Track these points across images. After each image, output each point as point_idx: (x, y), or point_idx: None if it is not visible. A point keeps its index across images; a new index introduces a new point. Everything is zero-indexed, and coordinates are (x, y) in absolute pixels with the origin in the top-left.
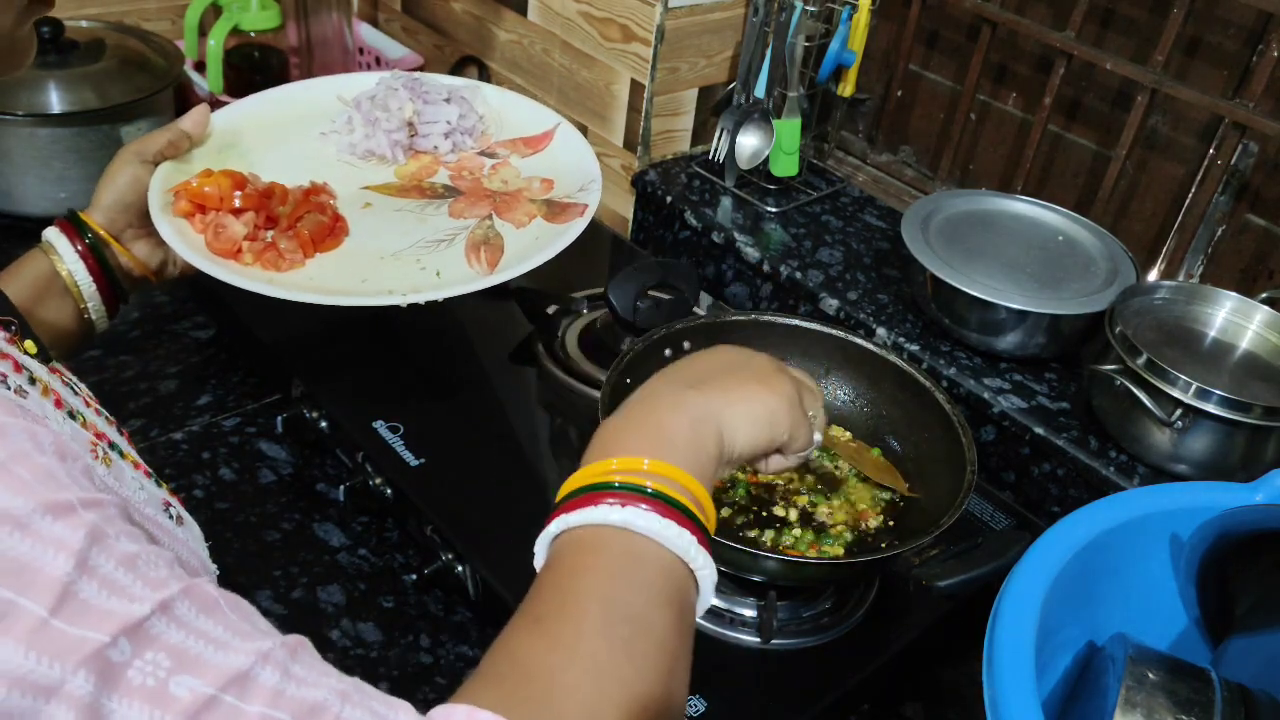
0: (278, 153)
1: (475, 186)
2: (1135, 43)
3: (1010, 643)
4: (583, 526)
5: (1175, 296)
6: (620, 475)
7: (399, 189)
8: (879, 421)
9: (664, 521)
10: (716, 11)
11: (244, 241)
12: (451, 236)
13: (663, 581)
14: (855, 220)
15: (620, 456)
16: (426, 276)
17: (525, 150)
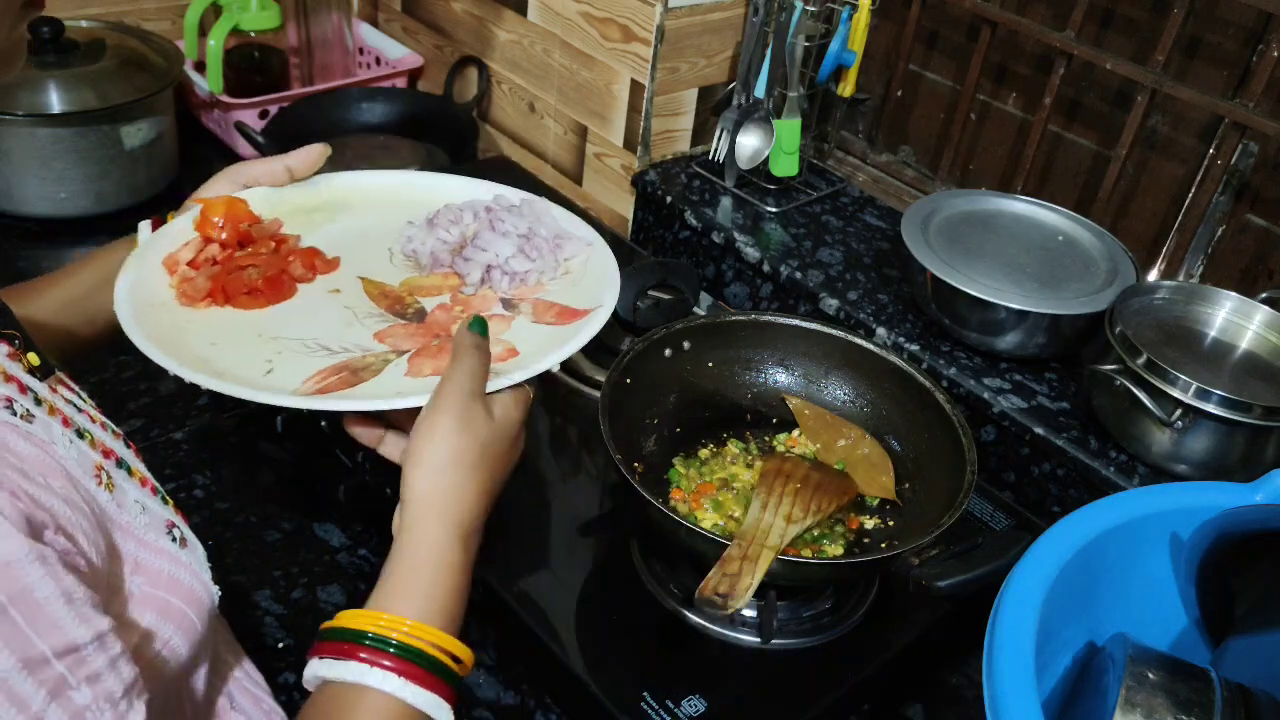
0: (347, 224)
1: (446, 330)
2: (1135, 43)
3: (1010, 643)
4: (349, 684)
5: (1175, 296)
6: (389, 632)
7: (380, 293)
8: (879, 421)
9: (426, 694)
10: (716, 11)
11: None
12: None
13: None
14: (855, 220)
15: (390, 614)
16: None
17: (549, 320)
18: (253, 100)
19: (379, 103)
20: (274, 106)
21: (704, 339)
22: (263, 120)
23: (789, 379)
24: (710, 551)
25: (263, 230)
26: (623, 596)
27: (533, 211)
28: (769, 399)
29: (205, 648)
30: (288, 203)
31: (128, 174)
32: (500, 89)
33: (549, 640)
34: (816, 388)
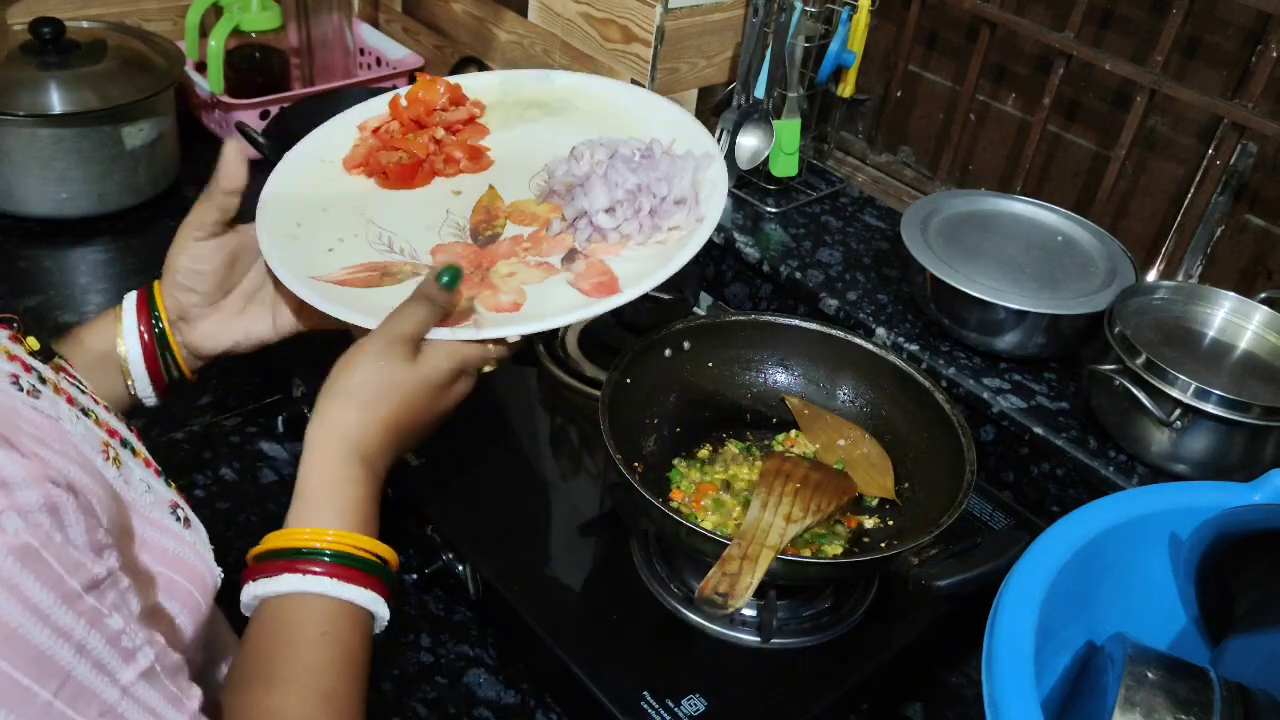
0: (545, 128)
1: (493, 262)
2: (1134, 43)
3: (1010, 642)
4: (286, 595)
5: (1174, 296)
6: (315, 543)
7: (483, 206)
8: (879, 421)
9: (363, 593)
10: (716, 12)
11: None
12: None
13: (349, 635)
14: (855, 220)
15: (311, 527)
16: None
17: (584, 287)
18: (253, 101)
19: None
20: (275, 107)
21: (704, 339)
22: (263, 121)
23: (789, 379)
24: (710, 551)
25: (447, 117)
26: (623, 596)
27: (674, 169)
28: (769, 399)
29: (206, 630)
30: (514, 94)
31: (129, 174)
32: None
33: (549, 640)
34: (816, 388)
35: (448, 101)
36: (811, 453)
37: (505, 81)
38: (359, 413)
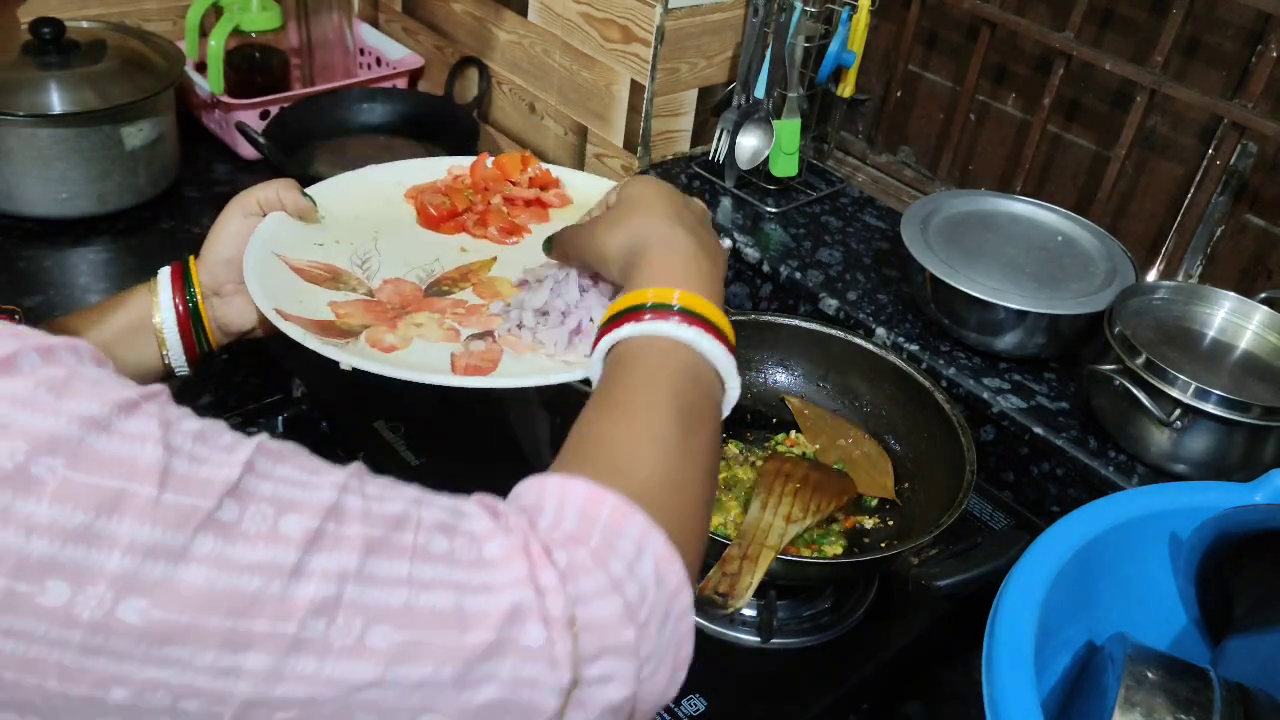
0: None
1: (403, 309)
2: (1134, 43)
3: (1010, 642)
4: (650, 336)
5: (1174, 296)
6: (665, 299)
7: (466, 271)
8: (879, 421)
9: (715, 344)
10: (716, 12)
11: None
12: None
13: (708, 388)
14: (855, 220)
15: (655, 287)
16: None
17: (470, 364)
18: (253, 101)
19: (380, 103)
20: (275, 107)
21: None
22: (263, 121)
23: (789, 379)
24: (710, 551)
25: (513, 190)
26: None
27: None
28: (769, 399)
29: None
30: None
31: (129, 174)
32: (501, 90)
33: None
34: (816, 388)
35: (527, 180)
36: (811, 453)
37: (597, 187)
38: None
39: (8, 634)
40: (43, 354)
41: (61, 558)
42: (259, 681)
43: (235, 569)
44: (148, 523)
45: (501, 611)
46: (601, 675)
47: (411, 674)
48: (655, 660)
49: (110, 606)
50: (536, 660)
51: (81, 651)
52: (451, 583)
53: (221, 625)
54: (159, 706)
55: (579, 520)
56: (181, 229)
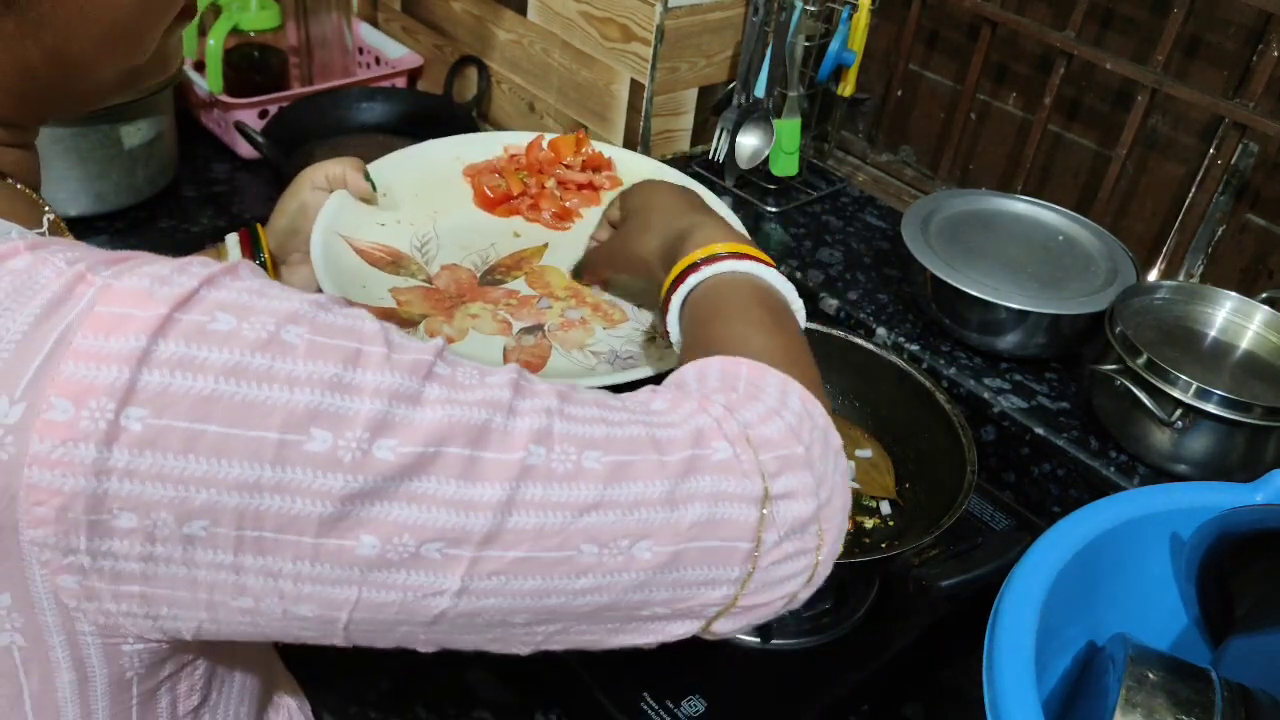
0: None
1: (463, 297)
2: (1135, 42)
3: (1010, 643)
4: (713, 277)
5: (1175, 296)
6: (716, 250)
7: (519, 256)
8: (879, 421)
9: (767, 269)
10: (716, 11)
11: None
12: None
13: (781, 303)
14: (855, 220)
15: (703, 246)
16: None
17: (524, 355)
18: (252, 100)
19: (379, 102)
20: (274, 106)
21: None
22: (262, 120)
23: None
24: None
25: (566, 173)
26: None
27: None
28: None
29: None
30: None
31: (127, 174)
32: (500, 89)
33: None
34: None
35: (580, 163)
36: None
37: (655, 173)
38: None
39: (276, 488)
40: (251, 268)
41: (322, 406)
42: (494, 512)
43: (463, 405)
44: (386, 372)
45: (688, 435)
46: (786, 490)
47: (626, 493)
48: (829, 485)
49: (367, 447)
50: (729, 473)
51: (340, 499)
52: (638, 420)
53: (460, 454)
54: (403, 556)
55: (721, 378)
56: (180, 228)
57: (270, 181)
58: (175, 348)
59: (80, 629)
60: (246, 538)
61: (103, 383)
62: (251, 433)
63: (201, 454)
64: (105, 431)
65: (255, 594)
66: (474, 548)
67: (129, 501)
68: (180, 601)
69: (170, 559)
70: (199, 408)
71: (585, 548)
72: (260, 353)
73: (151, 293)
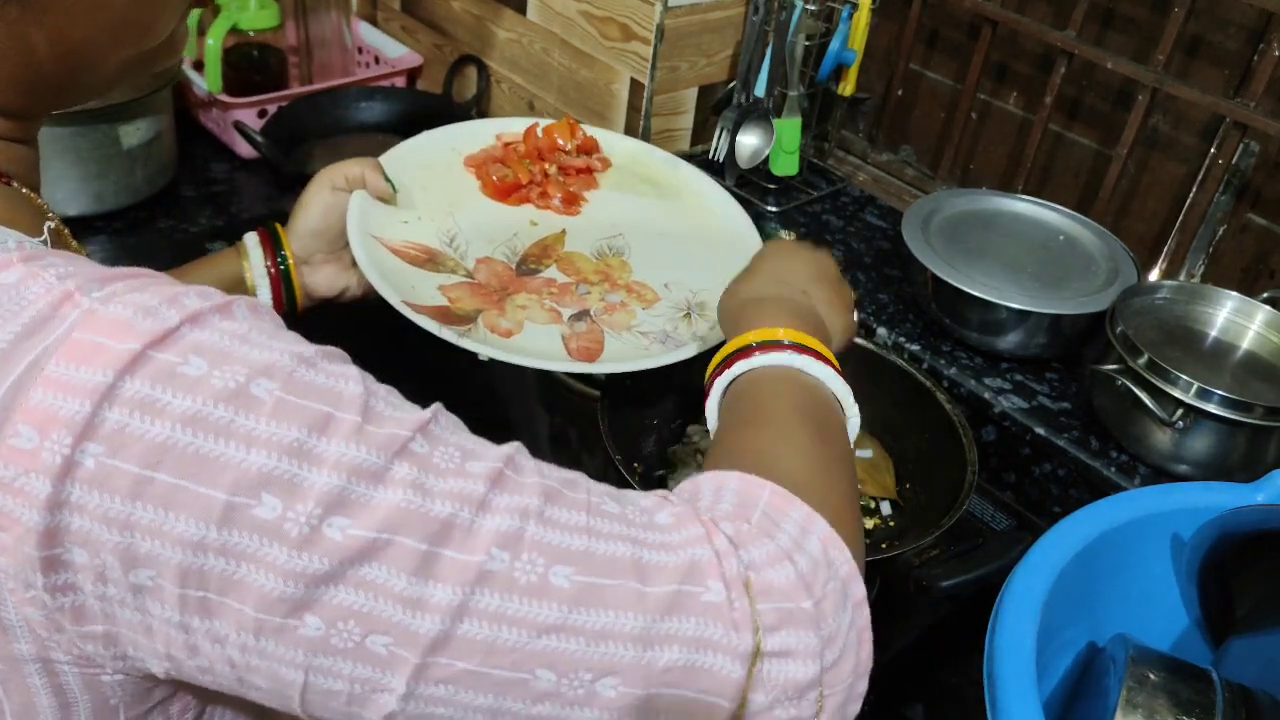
0: (643, 205)
1: (509, 289)
2: (1136, 42)
3: (1011, 644)
4: (762, 368)
5: (1176, 296)
6: (770, 337)
7: (543, 244)
8: (879, 421)
9: (825, 368)
10: (716, 10)
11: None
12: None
13: (830, 405)
14: (855, 220)
15: (764, 328)
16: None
17: (573, 348)
18: (251, 100)
19: (378, 102)
20: (273, 106)
21: None
22: (261, 119)
23: None
24: None
25: (565, 159)
26: None
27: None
28: None
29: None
30: (643, 164)
31: (126, 174)
32: (500, 88)
33: None
34: None
35: (575, 148)
36: None
37: (640, 151)
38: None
39: (220, 551)
40: (250, 306)
41: (276, 471)
42: (444, 617)
43: (429, 494)
44: (353, 444)
45: (680, 566)
46: (783, 648)
47: (593, 620)
48: (839, 646)
49: (316, 524)
50: (717, 620)
51: (283, 575)
52: (628, 537)
53: (415, 548)
54: (347, 645)
55: (738, 502)
56: (179, 228)
57: (269, 181)
58: (140, 387)
59: (55, 657)
60: (190, 597)
61: (65, 415)
62: (200, 489)
63: (148, 502)
64: (60, 466)
65: (207, 656)
66: (420, 652)
67: (79, 537)
68: (141, 646)
69: (123, 603)
70: (151, 454)
71: (541, 673)
72: (224, 404)
73: (132, 324)
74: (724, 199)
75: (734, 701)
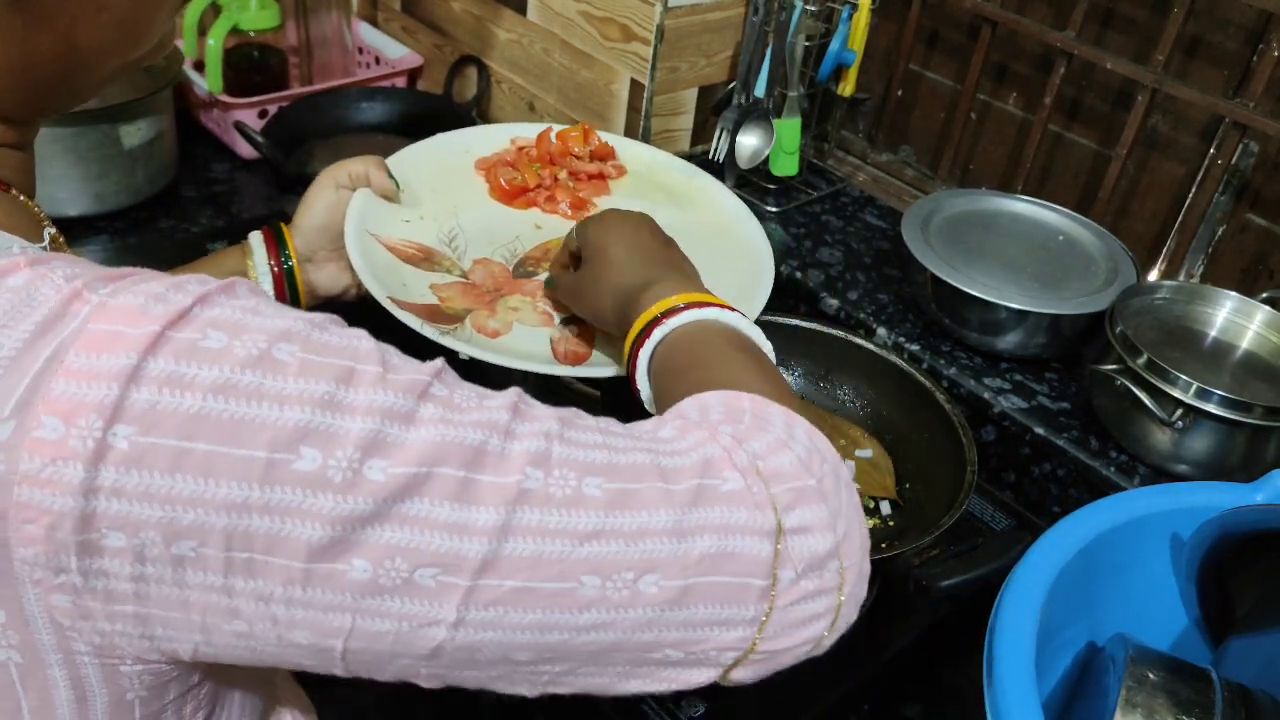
0: (658, 210)
1: (502, 290)
2: (1136, 42)
3: (1011, 643)
4: (678, 328)
5: (1176, 296)
6: (680, 301)
7: (545, 249)
8: (879, 421)
9: (731, 314)
10: (716, 11)
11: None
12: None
13: (750, 343)
14: (855, 220)
15: (664, 299)
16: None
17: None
18: (252, 100)
19: (379, 102)
20: (273, 106)
21: None
22: (262, 120)
23: (789, 379)
24: None
25: (577, 164)
26: None
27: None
28: None
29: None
30: (659, 172)
31: (126, 174)
32: (500, 88)
33: None
34: (817, 388)
35: (589, 154)
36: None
37: (658, 158)
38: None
39: (265, 509)
40: (250, 288)
41: (312, 424)
42: (490, 537)
43: (459, 426)
44: (380, 390)
45: (695, 463)
46: (801, 524)
47: (629, 521)
48: (844, 521)
49: (358, 467)
50: (740, 504)
51: (329, 521)
52: (643, 448)
53: (454, 476)
54: (395, 582)
55: (724, 411)
56: (180, 228)
57: (270, 181)
58: (165, 365)
59: (76, 648)
60: (236, 559)
61: (92, 400)
62: (239, 451)
63: (188, 473)
64: (93, 450)
65: (248, 618)
66: (469, 575)
67: (117, 521)
68: (174, 623)
69: (161, 579)
70: (186, 426)
71: (586, 579)
72: (251, 370)
73: (145, 310)
74: (741, 212)
75: (766, 578)
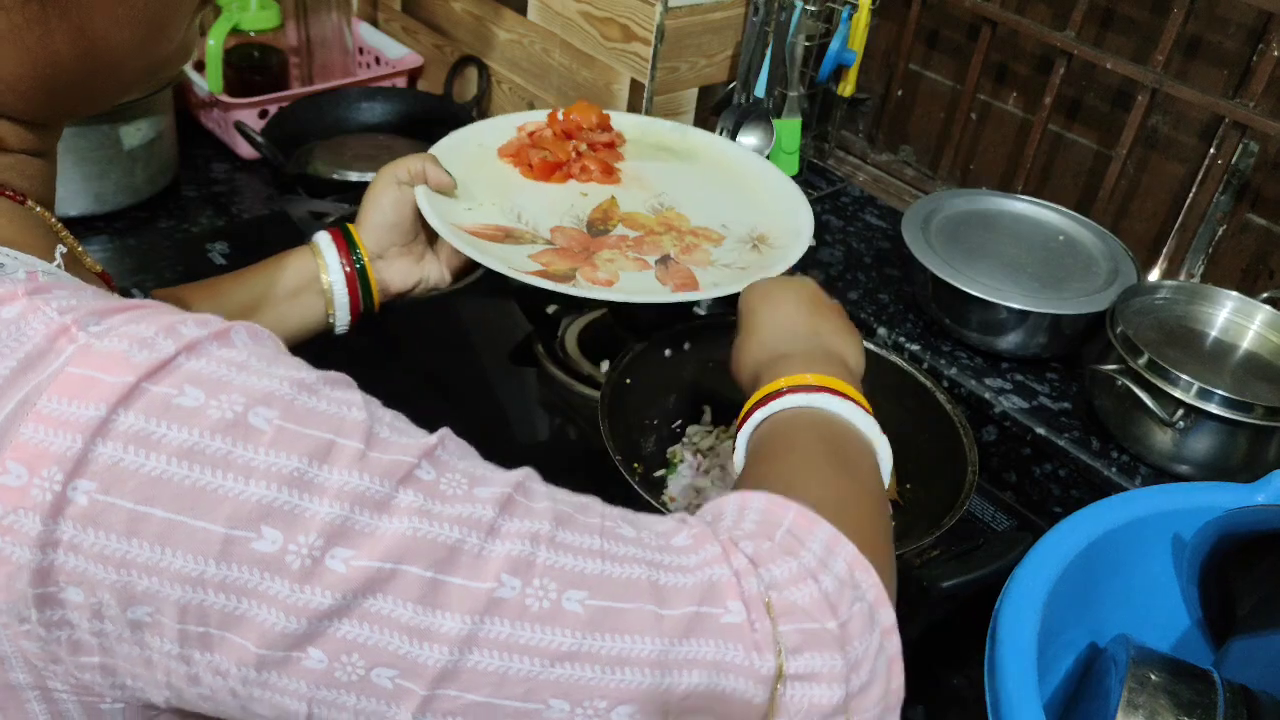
0: (672, 169)
1: (592, 248)
2: (1136, 42)
3: (1012, 644)
4: (788, 409)
5: (1176, 296)
6: (797, 382)
7: (602, 209)
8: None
9: (851, 405)
10: (716, 11)
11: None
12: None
13: (855, 440)
14: (855, 220)
15: (786, 376)
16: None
17: (667, 282)
18: (252, 100)
19: (379, 102)
20: (273, 106)
21: (704, 339)
22: (262, 120)
23: None
24: None
25: (592, 136)
26: None
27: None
28: None
29: None
30: (652, 136)
31: (126, 174)
32: (500, 88)
33: None
34: None
35: (596, 124)
36: None
37: (644, 123)
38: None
39: (220, 586)
40: (251, 333)
41: (276, 503)
42: (452, 647)
43: (436, 520)
44: (356, 472)
45: (698, 587)
46: (806, 671)
47: (610, 645)
48: (866, 672)
49: (319, 556)
50: (738, 642)
51: (285, 609)
52: (643, 560)
53: (421, 576)
54: (351, 678)
55: (761, 521)
56: (180, 228)
57: (270, 182)
58: (134, 421)
59: (53, 686)
60: (191, 632)
61: (56, 451)
62: (197, 523)
63: (144, 539)
64: (52, 503)
65: (209, 686)
66: (427, 684)
67: (74, 577)
68: (141, 677)
69: (121, 638)
70: (146, 489)
71: (555, 703)
72: (221, 435)
73: (127, 357)
74: (737, 150)
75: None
